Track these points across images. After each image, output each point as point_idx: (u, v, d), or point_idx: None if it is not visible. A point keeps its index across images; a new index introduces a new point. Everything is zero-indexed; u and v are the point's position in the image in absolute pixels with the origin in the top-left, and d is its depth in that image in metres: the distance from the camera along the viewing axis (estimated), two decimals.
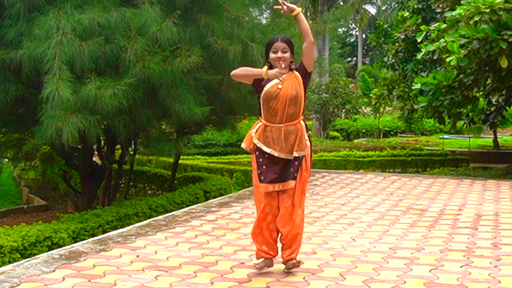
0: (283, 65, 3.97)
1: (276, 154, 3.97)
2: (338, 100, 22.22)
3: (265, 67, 3.99)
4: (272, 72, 3.93)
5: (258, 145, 4.03)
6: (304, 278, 4.04)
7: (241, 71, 4.09)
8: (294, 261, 4.11)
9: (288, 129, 3.98)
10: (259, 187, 4.03)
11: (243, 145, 4.15)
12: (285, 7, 4.02)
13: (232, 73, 4.11)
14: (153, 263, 4.42)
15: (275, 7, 4.13)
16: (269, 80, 4.00)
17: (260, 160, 4.03)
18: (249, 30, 7.84)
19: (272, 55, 4.00)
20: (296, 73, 4.05)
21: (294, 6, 4.06)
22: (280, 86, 3.96)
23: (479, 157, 17.82)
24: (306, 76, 4.07)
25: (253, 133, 4.06)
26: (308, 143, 4.05)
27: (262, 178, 4.00)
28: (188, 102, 7.05)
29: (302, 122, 4.04)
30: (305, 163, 4.07)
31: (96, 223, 6.76)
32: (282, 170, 3.99)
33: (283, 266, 4.31)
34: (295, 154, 3.98)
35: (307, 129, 4.11)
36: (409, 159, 15.84)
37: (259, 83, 4.05)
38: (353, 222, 6.11)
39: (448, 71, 9.99)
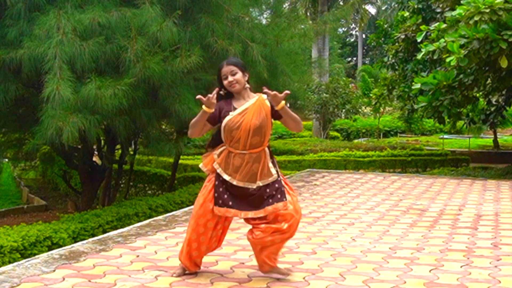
0: (236, 87, 3.77)
1: (234, 183, 3.76)
2: (338, 100, 22.22)
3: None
4: (206, 102, 3.68)
5: (218, 171, 3.81)
6: (304, 278, 4.04)
7: (191, 127, 3.87)
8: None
9: (251, 156, 3.76)
10: (203, 209, 3.82)
11: (201, 165, 3.92)
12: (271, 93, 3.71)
13: (189, 135, 3.94)
14: (153, 263, 4.42)
15: (264, 90, 3.78)
16: (229, 109, 3.79)
17: (217, 183, 3.82)
18: (249, 30, 7.84)
19: (224, 82, 3.81)
20: (265, 98, 3.81)
21: (281, 100, 3.71)
22: (241, 117, 3.73)
23: (479, 157, 17.83)
24: (274, 112, 3.81)
25: (215, 156, 3.85)
26: (273, 170, 3.82)
27: (220, 202, 3.79)
28: (188, 102, 7.05)
29: (266, 149, 3.82)
30: (287, 185, 3.90)
31: (96, 223, 6.76)
32: (248, 198, 3.78)
33: (283, 266, 4.31)
34: (259, 183, 3.76)
35: (272, 155, 3.88)
36: (409, 159, 15.85)
37: (216, 118, 3.81)
38: (353, 222, 6.11)
39: (448, 71, 9.98)
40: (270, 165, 3.83)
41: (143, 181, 11.39)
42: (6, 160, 9.83)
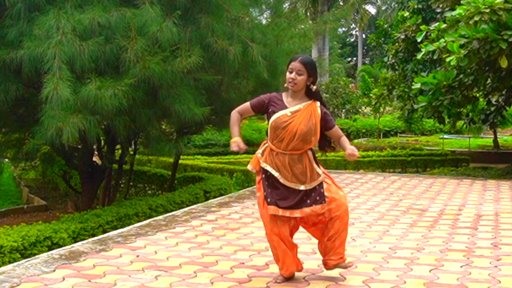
0: (294, 87, 3.74)
1: (281, 181, 3.75)
2: (338, 100, 22.24)
3: (236, 138, 3.79)
4: (233, 143, 3.76)
5: (266, 168, 3.79)
6: (304, 278, 4.04)
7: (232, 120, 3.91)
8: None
9: (292, 157, 3.75)
10: (265, 209, 3.81)
11: (249, 166, 3.91)
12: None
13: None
14: (153, 263, 4.42)
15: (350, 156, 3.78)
16: (279, 106, 3.77)
17: (266, 183, 3.80)
18: (249, 30, 7.83)
19: (287, 74, 3.76)
20: (317, 105, 3.80)
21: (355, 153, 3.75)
22: (290, 117, 3.71)
23: (479, 157, 17.82)
24: (323, 123, 3.83)
25: (259, 155, 3.85)
26: (319, 170, 3.81)
27: (268, 200, 3.77)
28: (188, 102, 7.05)
29: (308, 151, 3.80)
30: (330, 178, 3.89)
31: (96, 223, 6.76)
32: (295, 196, 3.76)
33: None
34: (308, 186, 3.75)
35: (315, 155, 3.87)
36: (409, 159, 15.84)
37: (262, 107, 3.85)
38: (353, 222, 6.10)
39: (448, 71, 9.99)
40: (315, 165, 3.81)
41: (143, 181, 11.39)
42: (7, 160, 9.83)
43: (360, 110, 24.59)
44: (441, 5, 12.01)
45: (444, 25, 9.81)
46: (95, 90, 6.22)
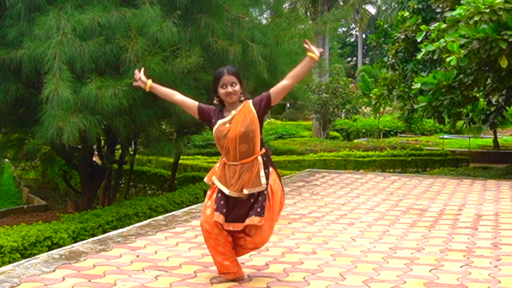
0: (234, 98, 3.75)
1: (227, 192, 3.74)
2: (338, 100, 22.23)
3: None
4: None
5: (214, 181, 3.83)
6: (304, 278, 4.04)
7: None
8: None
9: (243, 167, 3.72)
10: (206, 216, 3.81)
11: (205, 179, 3.97)
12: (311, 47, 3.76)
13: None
14: (153, 263, 4.42)
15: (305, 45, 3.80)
16: (218, 118, 3.81)
17: (219, 195, 3.80)
18: (249, 30, 7.84)
19: (221, 91, 3.75)
20: (250, 104, 3.80)
21: (316, 52, 3.75)
22: (227, 126, 3.73)
23: (479, 157, 17.83)
24: (266, 106, 3.81)
25: (216, 168, 3.87)
26: (263, 179, 3.73)
27: (215, 207, 3.76)
28: None
29: (259, 158, 3.75)
30: (269, 201, 3.76)
31: (96, 223, 6.77)
32: (240, 209, 3.75)
33: (283, 266, 4.32)
34: (245, 191, 3.70)
35: (267, 164, 3.80)
36: (409, 159, 15.85)
37: (207, 119, 3.89)
38: (353, 222, 6.11)
39: (448, 71, 9.98)
40: (262, 174, 3.76)
41: (143, 181, 11.39)
42: (7, 160, 9.84)
43: (360, 110, 24.59)
44: (441, 5, 12.00)
45: (444, 25, 9.81)
46: (95, 90, 6.23)
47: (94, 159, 9.16)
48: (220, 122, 3.78)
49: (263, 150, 3.81)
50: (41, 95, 6.04)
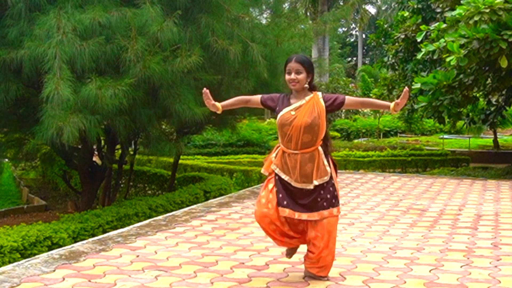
0: (296, 86, 3.82)
1: (292, 183, 3.81)
2: None
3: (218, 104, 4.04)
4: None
5: (276, 171, 3.87)
6: (304, 278, 4.04)
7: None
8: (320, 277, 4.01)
9: (303, 156, 3.79)
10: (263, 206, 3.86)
11: (262, 170, 3.99)
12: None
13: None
14: (153, 263, 4.42)
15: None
16: (283, 105, 3.86)
17: (280, 186, 3.85)
18: (249, 30, 7.83)
19: (286, 76, 3.85)
20: (319, 97, 3.87)
21: (397, 107, 4.01)
22: (293, 113, 3.79)
23: (479, 157, 17.80)
24: (337, 106, 3.91)
25: (273, 158, 3.92)
26: (328, 168, 3.82)
27: (280, 201, 3.83)
28: (189, 102, 7.05)
29: (319, 148, 3.83)
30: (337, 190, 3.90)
31: (96, 223, 6.76)
32: (305, 199, 3.81)
33: (283, 266, 4.33)
34: (315, 182, 3.78)
35: (327, 153, 3.89)
36: (409, 159, 15.84)
37: (269, 104, 3.95)
38: (353, 222, 6.11)
39: (448, 71, 9.99)
40: (325, 163, 3.83)
41: (143, 181, 11.38)
42: (7, 160, 9.83)
43: (360, 110, 24.59)
44: (441, 5, 12.01)
45: (444, 25, 9.81)
46: (95, 89, 6.22)
47: (94, 159, 9.15)
48: (286, 110, 3.84)
49: (321, 142, 3.86)
50: (42, 94, 6.04)
